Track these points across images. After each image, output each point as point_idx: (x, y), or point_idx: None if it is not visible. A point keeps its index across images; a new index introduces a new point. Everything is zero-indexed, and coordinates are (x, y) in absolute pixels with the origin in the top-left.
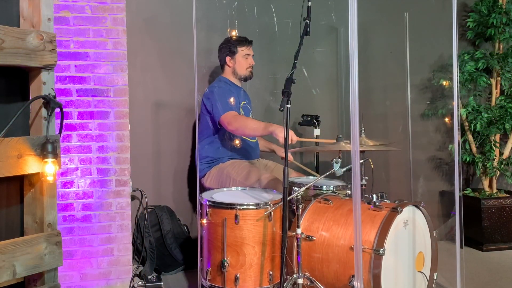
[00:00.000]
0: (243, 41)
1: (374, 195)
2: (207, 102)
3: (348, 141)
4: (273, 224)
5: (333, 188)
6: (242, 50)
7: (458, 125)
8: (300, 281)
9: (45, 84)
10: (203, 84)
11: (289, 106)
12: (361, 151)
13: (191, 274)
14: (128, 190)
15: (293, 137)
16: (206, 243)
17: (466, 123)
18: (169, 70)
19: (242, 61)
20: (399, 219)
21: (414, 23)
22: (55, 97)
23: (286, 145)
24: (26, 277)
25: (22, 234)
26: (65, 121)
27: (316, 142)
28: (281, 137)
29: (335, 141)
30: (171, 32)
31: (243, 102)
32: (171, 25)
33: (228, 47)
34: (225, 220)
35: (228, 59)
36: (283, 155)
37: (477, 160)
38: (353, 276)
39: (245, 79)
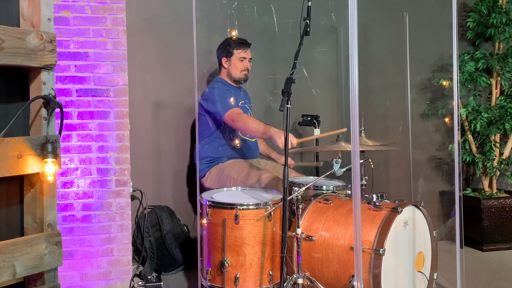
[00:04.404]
0: (241, 43)
1: (374, 195)
2: (205, 103)
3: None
4: (273, 224)
5: (333, 188)
6: (238, 53)
7: (458, 125)
8: (300, 281)
9: (45, 84)
10: (203, 84)
11: (289, 106)
12: (361, 151)
13: (191, 274)
14: (128, 190)
15: (292, 141)
16: (206, 243)
17: (466, 123)
18: (169, 70)
19: (237, 63)
20: (399, 219)
21: (414, 23)
22: (55, 97)
23: (286, 145)
24: (26, 277)
25: (22, 234)
26: (65, 121)
27: (316, 140)
28: (280, 142)
29: (340, 131)
30: (171, 32)
31: (241, 102)
32: (171, 25)
33: (225, 48)
34: (225, 220)
35: (224, 60)
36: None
37: (477, 160)
38: (353, 276)
39: (239, 82)
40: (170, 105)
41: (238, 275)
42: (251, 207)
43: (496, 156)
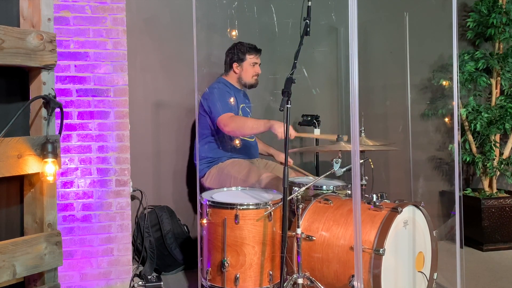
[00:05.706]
0: (253, 49)
1: (374, 195)
2: (205, 103)
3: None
4: (273, 224)
5: (333, 188)
6: (250, 58)
7: (458, 125)
8: (300, 281)
9: (45, 84)
10: (203, 84)
11: (289, 106)
12: (361, 151)
13: (191, 274)
14: (128, 190)
15: (291, 132)
16: (206, 243)
17: (466, 123)
18: (169, 70)
19: (249, 69)
20: (399, 219)
21: (414, 23)
22: (55, 97)
23: (286, 145)
24: (26, 277)
25: (22, 234)
26: (65, 121)
27: (316, 140)
28: (279, 132)
29: (336, 136)
30: (171, 32)
31: (242, 105)
32: (171, 25)
33: (237, 53)
34: (225, 220)
35: (235, 65)
36: (281, 159)
37: (477, 160)
38: (353, 276)
39: (250, 87)
40: (170, 105)
41: (238, 275)
42: (251, 207)
43: (496, 156)
